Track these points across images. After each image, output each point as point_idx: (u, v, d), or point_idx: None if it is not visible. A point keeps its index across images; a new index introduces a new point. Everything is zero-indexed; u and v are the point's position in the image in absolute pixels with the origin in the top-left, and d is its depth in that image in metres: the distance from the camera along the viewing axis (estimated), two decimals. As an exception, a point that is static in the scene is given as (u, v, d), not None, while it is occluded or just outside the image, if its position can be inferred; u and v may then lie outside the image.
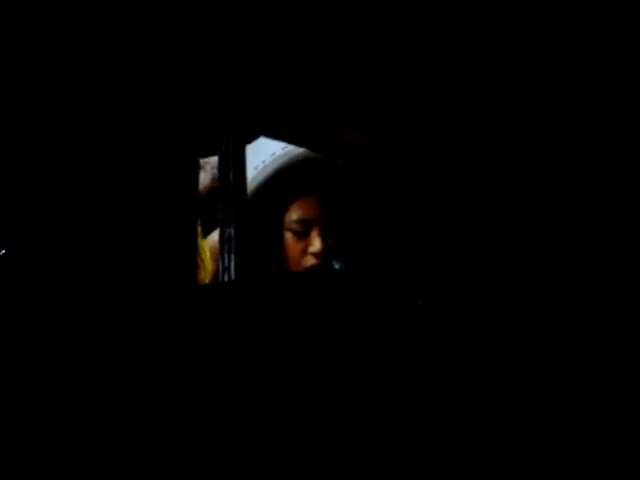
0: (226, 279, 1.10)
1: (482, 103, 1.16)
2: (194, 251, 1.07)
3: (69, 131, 0.88)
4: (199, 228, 1.20)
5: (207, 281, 1.29)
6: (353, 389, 1.05)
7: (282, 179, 1.36)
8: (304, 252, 1.34)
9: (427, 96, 1.15)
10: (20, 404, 0.79)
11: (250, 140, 1.34)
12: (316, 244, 1.32)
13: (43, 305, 0.83)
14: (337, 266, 1.24)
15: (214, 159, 1.26)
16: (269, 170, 1.36)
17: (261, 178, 1.36)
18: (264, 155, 1.37)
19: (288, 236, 1.35)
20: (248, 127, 1.13)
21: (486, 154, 1.18)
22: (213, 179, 1.32)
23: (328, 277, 1.21)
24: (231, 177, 1.12)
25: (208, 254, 1.31)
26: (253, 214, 1.29)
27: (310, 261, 1.33)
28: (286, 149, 1.36)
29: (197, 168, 1.09)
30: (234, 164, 1.11)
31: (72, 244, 0.86)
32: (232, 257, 1.10)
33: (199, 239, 1.22)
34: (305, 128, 1.16)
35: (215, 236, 1.29)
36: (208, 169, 1.39)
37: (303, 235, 1.35)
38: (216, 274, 1.27)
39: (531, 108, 1.18)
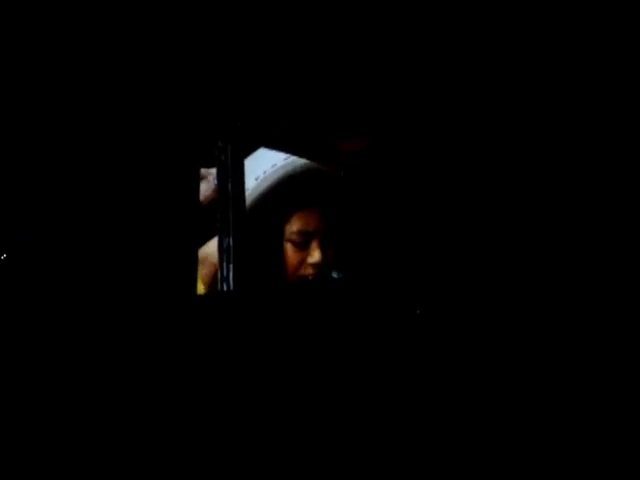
0: (225, 289, 1.10)
1: (475, 107, 1.16)
2: (194, 260, 1.07)
3: (70, 142, 0.89)
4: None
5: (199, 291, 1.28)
6: (351, 395, 1.04)
7: (283, 190, 1.36)
8: (304, 263, 1.34)
9: (417, 103, 1.15)
10: (17, 402, 0.80)
11: (250, 151, 1.35)
12: (316, 255, 1.32)
13: (48, 309, 0.83)
14: (336, 276, 1.24)
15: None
16: (270, 181, 1.36)
17: (262, 188, 1.36)
18: (265, 166, 1.38)
19: (288, 247, 1.35)
20: (246, 137, 1.13)
21: (483, 161, 1.17)
22: (215, 189, 1.32)
23: (327, 287, 1.21)
24: (230, 187, 1.12)
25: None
26: (253, 224, 1.29)
27: (309, 271, 1.33)
28: (287, 160, 1.36)
29: (198, 178, 1.09)
30: (233, 175, 1.12)
31: (75, 251, 0.87)
32: (230, 267, 1.10)
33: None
34: (302, 138, 1.17)
35: (207, 248, 1.29)
36: (210, 179, 1.39)
37: (303, 246, 1.35)
38: (213, 283, 1.27)
39: (526, 112, 1.18)
